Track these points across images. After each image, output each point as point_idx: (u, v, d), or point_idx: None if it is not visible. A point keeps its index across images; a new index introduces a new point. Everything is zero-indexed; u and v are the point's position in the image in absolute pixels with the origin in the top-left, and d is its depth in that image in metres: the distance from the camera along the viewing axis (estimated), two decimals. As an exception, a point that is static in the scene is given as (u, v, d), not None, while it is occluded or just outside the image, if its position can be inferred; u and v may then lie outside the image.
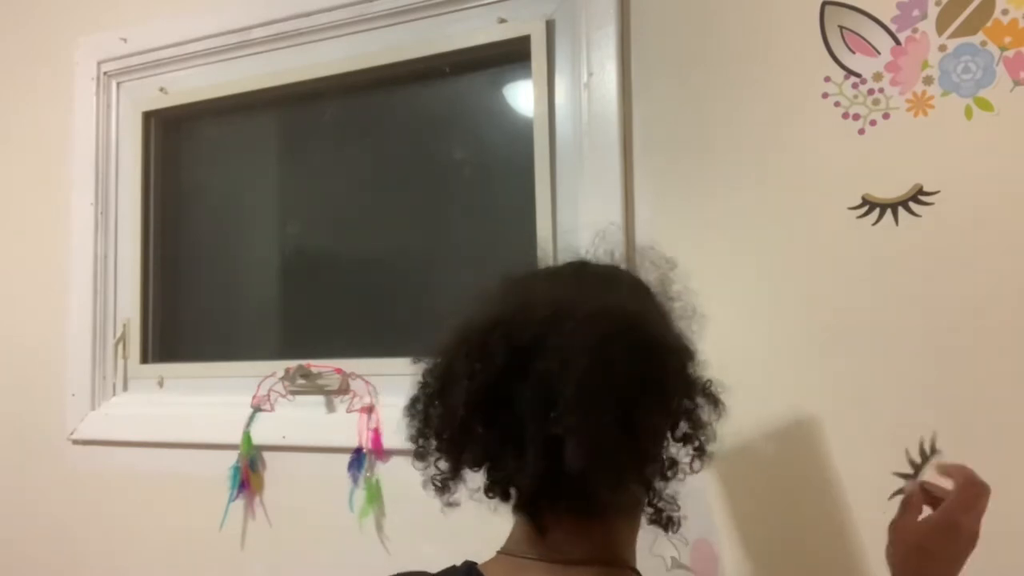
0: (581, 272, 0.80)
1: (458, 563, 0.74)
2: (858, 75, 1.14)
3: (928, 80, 1.10)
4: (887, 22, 1.13)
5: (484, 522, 0.73)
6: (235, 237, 1.76)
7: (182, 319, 1.78)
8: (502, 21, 1.41)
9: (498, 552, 0.72)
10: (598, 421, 0.62)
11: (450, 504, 0.73)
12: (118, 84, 1.79)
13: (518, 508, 0.70)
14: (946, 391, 1.08)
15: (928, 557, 0.79)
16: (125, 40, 1.74)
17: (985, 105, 1.07)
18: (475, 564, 0.73)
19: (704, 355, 0.78)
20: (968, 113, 1.08)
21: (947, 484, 0.84)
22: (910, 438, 1.09)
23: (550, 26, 1.38)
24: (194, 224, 1.79)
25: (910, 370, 1.09)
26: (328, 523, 1.46)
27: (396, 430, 0.76)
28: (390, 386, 1.45)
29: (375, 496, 1.41)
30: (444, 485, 0.72)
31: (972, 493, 0.80)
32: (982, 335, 1.06)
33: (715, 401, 0.74)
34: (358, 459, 1.43)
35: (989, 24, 1.08)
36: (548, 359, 0.63)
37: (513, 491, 0.68)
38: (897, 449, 1.09)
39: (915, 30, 1.11)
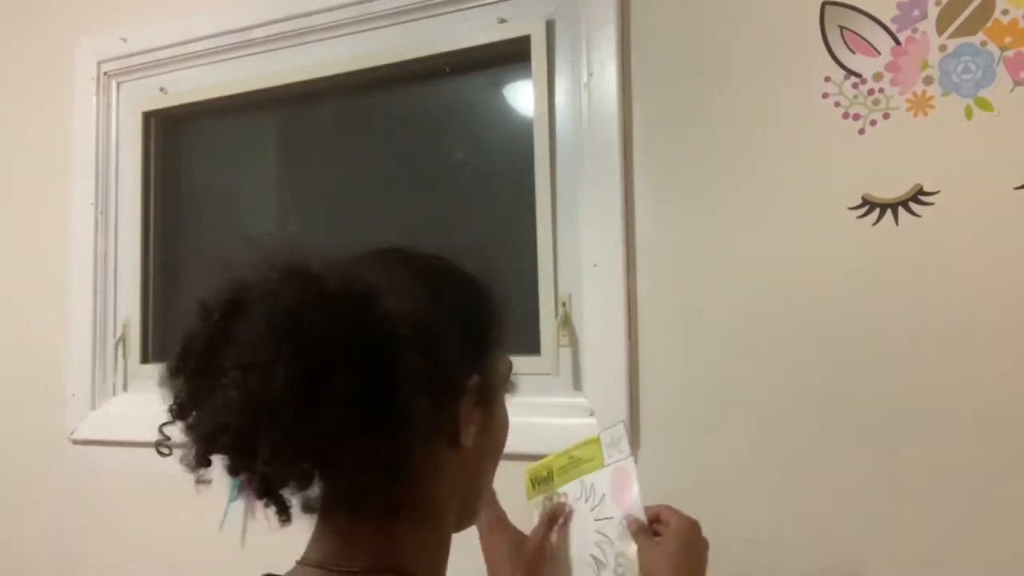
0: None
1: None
2: (858, 75, 1.14)
3: (928, 80, 1.10)
4: (887, 22, 1.13)
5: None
6: (235, 237, 1.76)
7: (182, 319, 1.78)
8: (502, 21, 1.41)
9: (297, 561, 0.64)
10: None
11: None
12: (118, 84, 1.79)
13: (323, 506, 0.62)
14: (946, 391, 1.08)
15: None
16: (125, 40, 1.74)
17: (985, 105, 1.07)
18: None
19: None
20: (968, 113, 1.08)
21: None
22: (909, 438, 1.09)
23: (550, 26, 1.38)
24: (194, 224, 1.79)
25: (909, 370, 1.09)
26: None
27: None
28: (390, 386, 1.45)
29: (375, 496, 1.41)
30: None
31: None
32: (982, 335, 1.06)
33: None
34: (358, 459, 1.42)
35: (989, 24, 1.07)
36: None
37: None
38: (894, 448, 1.09)
39: (915, 30, 1.11)
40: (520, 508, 0.96)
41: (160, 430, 0.60)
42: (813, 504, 1.13)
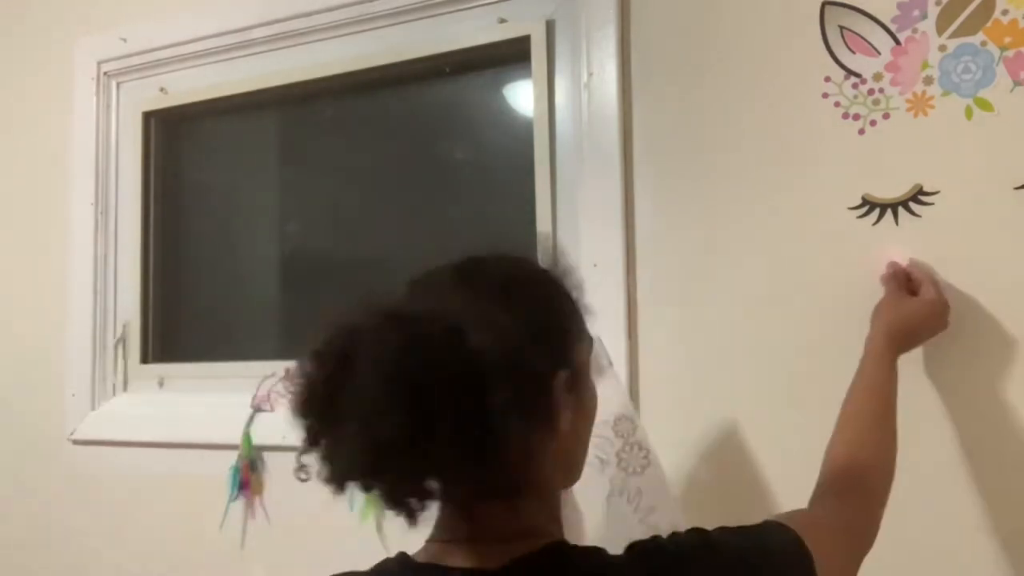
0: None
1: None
2: (858, 75, 1.14)
3: (928, 80, 1.10)
4: (887, 22, 1.13)
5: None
6: (235, 237, 1.76)
7: (182, 319, 1.78)
8: (502, 21, 1.41)
9: (427, 540, 0.72)
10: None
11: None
12: (118, 84, 1.79)
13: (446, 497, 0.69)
14: (945, 390, 1.08)
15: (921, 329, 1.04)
16: (125, 40, 1.74)
17: (985, 105, 1.07)
18: (407, 553, 0.75)
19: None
20: (968, 113, 1.08)
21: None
22: (908, 436, 1.09)
23: (550, 26, 1.38)
24: (194, 224, 1.79)
25: (908, 370, 1.09)
26: (328, 523, 1.46)
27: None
28: (390, 386, 1.45)
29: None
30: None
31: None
32: (981, 335, 1.06)
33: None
34: (358, 459, 1.42)
35: (989, 24, 1.07)
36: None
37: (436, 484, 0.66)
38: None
39: (915, 30, 1.11)
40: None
41: (298, 458, 0.69)
42: (813, 504, 1.13)
